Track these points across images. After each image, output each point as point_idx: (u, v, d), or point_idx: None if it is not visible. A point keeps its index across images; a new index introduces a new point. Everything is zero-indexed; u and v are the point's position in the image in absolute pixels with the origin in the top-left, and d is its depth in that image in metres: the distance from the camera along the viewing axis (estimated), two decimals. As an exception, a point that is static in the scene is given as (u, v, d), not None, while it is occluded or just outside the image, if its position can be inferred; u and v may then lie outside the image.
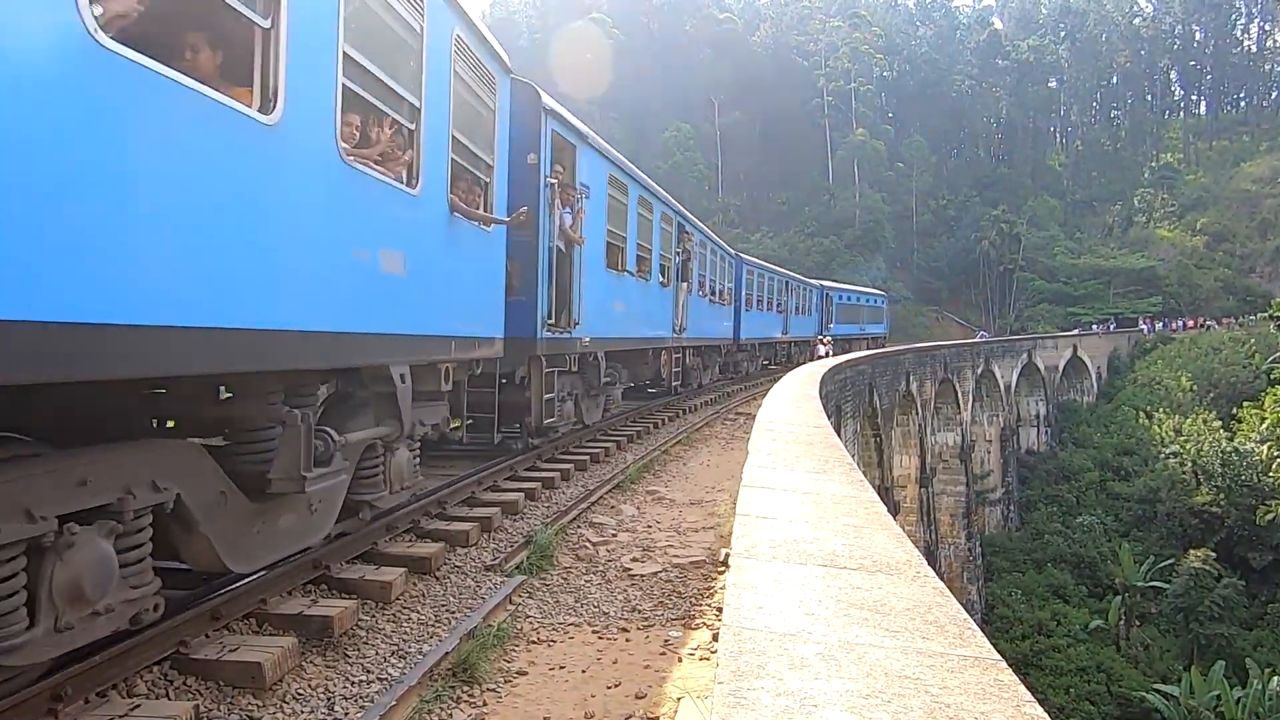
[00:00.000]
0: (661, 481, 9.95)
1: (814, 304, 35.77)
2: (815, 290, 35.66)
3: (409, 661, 4.32)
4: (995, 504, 50.76)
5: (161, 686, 3.69)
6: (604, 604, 5.50)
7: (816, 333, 35.01)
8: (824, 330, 35.49)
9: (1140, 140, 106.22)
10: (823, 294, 37.73)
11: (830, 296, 38.73)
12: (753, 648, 2.12)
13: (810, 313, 33.95)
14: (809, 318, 33.50)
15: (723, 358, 23.87)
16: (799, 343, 36.40)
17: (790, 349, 34.70)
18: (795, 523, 3.61)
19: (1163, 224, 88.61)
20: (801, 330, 34.25)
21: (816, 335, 34.95)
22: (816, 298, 35.95)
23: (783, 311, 30.98)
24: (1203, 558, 40.84)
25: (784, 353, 33.52)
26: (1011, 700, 1.90)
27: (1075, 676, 35.32)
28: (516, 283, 8.35)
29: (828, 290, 38.48)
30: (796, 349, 35.60)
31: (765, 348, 30.27)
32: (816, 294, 36.36)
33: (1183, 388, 58.46)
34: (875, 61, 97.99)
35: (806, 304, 34.46)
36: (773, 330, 29.99)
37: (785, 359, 33.16)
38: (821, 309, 36.89)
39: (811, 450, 5.95)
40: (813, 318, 34.11)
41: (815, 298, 35.71)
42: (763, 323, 28.11)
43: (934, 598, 2.65)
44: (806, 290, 35.36)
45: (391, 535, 6.17)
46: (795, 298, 32.15)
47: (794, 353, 34.72)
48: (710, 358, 21.92)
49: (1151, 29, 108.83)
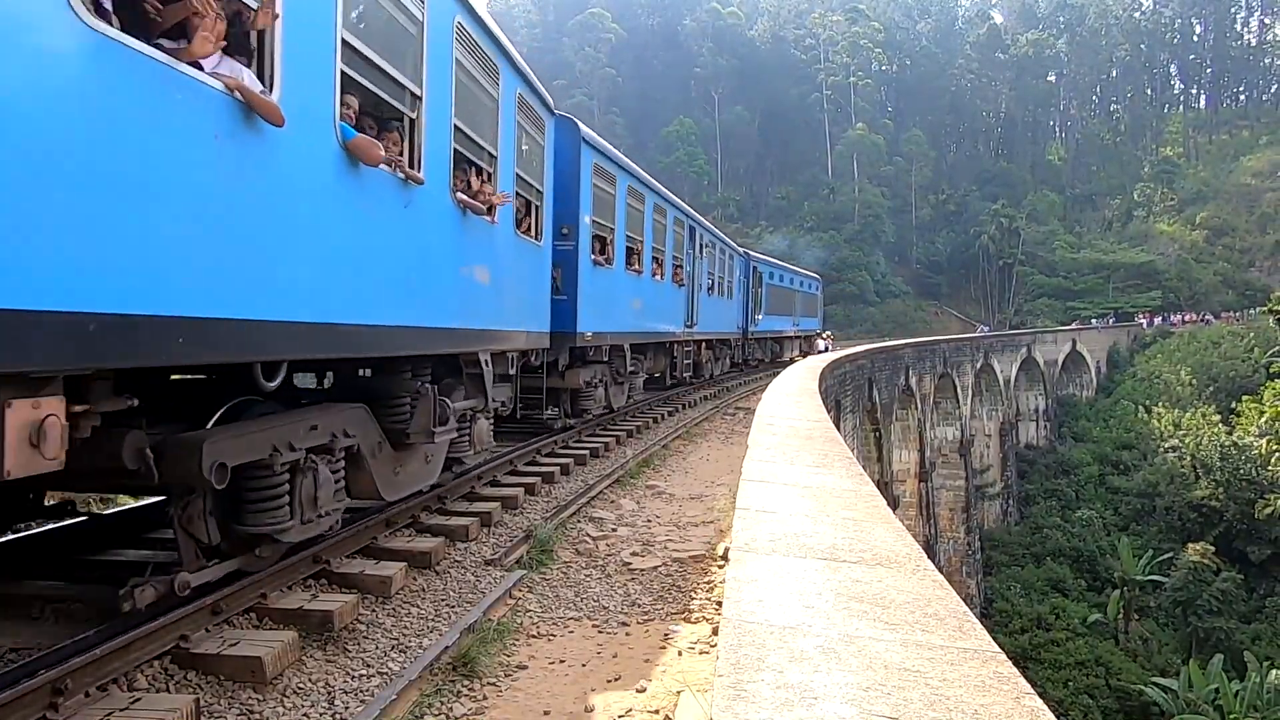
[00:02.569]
0: (661, 476, 9.96)
1: (736, 283, 24.47)
2: (739, 260, 24.96)
3: (409, 656, 4.33)
4: (995, 498, 50.84)
5: (162, 680, 3.69)
6: (604, 598, 5.51)
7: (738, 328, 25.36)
8: (750, 324, 26.21)
9: (1140, 134, 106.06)
10: (747, 266, 26.00)
11: (759, 272, 27.32)
12: (753, 641, 2.12)
13: (730, 294, 23.33)
14: (729, 301, 23.14)
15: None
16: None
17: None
18: (795, 517, 3.61)
19: (1162, 218, 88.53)
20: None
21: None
22: (740, 270, 25.06)
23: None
24: (1202, 552, 40.92)
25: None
26: (1011, 692, 1.90)
27: (1074, 670, 35.40)
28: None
29: (754, 262, 26.83)
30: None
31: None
32: (740, 264, 25.17)
33: (1182, 382, 58.50)
34: (874, 56, 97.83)
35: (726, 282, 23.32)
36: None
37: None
38: (747, 292, 25.99)
39: (811, 444, 5.95)
40: (734, 303, 23.98)
41: (739, 272, 24.84)
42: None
43: (934, 591, 2.66)
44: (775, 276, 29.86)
45: (391, 530, 6.18)
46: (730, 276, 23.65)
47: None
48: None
49: (1151, 22, 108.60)
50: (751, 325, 26.02)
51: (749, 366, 27.76)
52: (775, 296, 29.82)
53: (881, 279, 79.89)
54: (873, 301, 77.42)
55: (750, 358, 27.39)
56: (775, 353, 31.70)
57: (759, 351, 28.90)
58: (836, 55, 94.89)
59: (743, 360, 26.37)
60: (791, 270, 34.65)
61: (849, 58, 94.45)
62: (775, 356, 31.55)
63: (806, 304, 37.67)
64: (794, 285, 34.25)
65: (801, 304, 35.94)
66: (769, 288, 28.54)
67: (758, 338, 27.77)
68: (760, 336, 28.09)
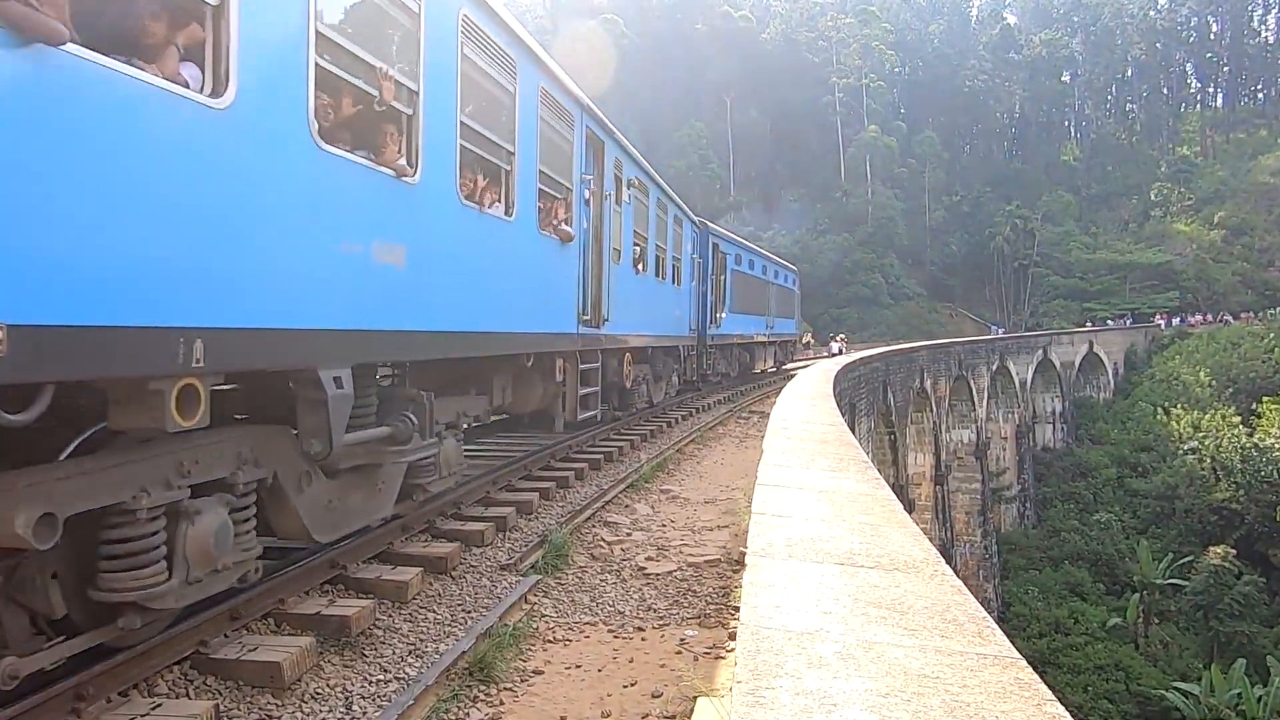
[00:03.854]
0: (675, 480, 9.95)
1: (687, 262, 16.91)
2: (690, 231, 17.27)
3: (426, 661, 4.34)
4: (1011, 501, 50.49)
5: (182, 686, 3.72)
6: (619, 603, 5.50)
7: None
8: (709, 324, 18.57)
9: (1156, 134, 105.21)
10: (704, 242, 18.55)
11: (722, 253, 19.83)
12: (771, 647, 2.12)
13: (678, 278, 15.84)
14: (675, 291, 15.53)
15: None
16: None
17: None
18: (811, 521, 3.60)
19: (1179, 218, 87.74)
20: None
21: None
22: (694, 245, 17.61)
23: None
24: (1222, 555, 40.45)
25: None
26: (1032, 699, 1.89)
27: (1093, 675, 35.09)
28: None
29: (715, 238, 19.24)
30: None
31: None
32: (693, 236, 17.60)
33: (1201, 383, 57.92)
34: (886, 57, 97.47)
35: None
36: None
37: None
38: (706, 279, 18.46)
39: (827, 448, 5.93)
40: (684, 294, 16.36)
41: (690, 246, 17.24)
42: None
43: (952, 596, 2.64)
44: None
45: (407, 535, 6.20)
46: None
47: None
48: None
49: (1167, 21, 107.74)
50: (712, 326, 18.58)
51: (708, 383, 19.84)
52: (744, 288, 22.17)
53: (895, 281, 79.48)
54: (886, 304, 77.06)
55: (710, 372, 19.31)
56: (744, 363, 24.01)
57: (722, 363, 20.79)
58: (848, 57, 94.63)
59: (698, 376, 18.62)
60: (764, 255, 26.18)
61: (861, 60, 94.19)
62: (745, 368, 24.25)
63: (782, 301, 28.74)
64: (768, 275, 25.93)
65: (777, 300, 27.53)
66: (736, 275, 20.80)
67: (720, 343, 19.92)
68: (724, 342, 20.36)
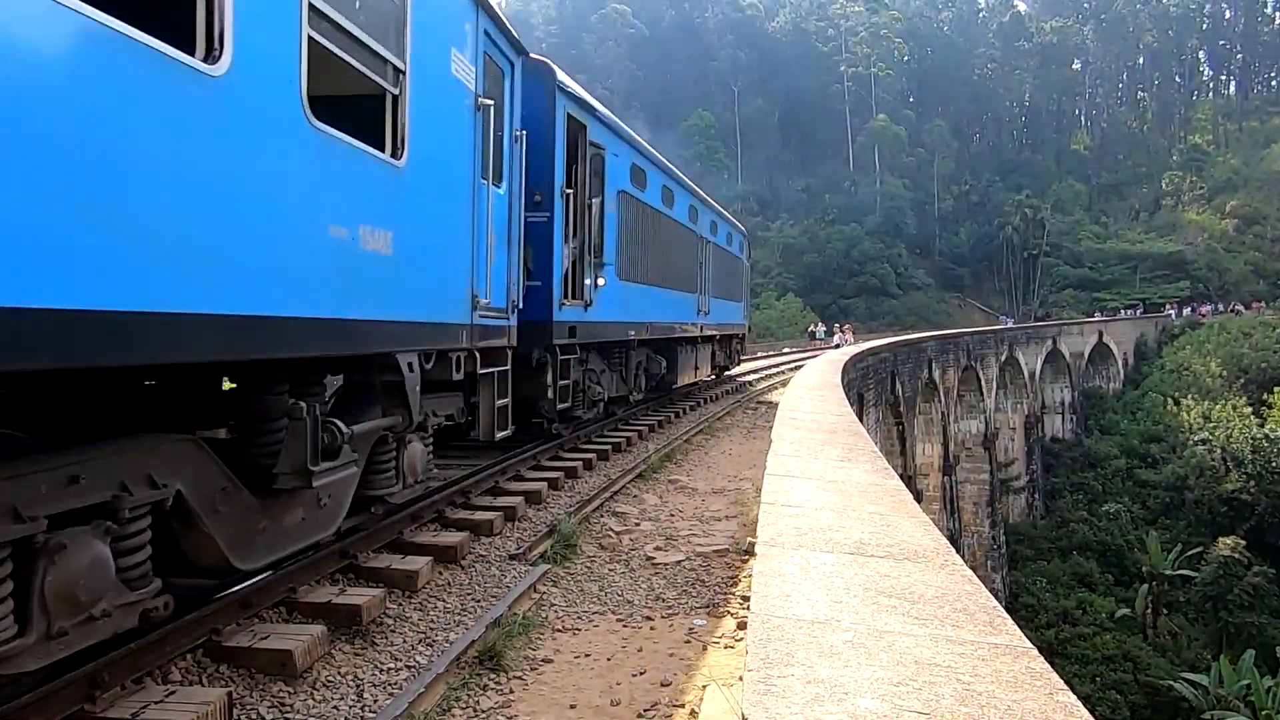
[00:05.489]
0: (684, 470, 9.95)
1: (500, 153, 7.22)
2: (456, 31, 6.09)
3: (436, 649, 4.37)
4: (1020, 492, 50.34)
5: (195, 673, 3.75)
6: (628, 592, 5.52)
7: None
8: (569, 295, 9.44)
9: (1168, 122, 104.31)
10: (544, 96, 8.53)
11: (599, 149, 10.10)
12: (781, 635, 2.12)
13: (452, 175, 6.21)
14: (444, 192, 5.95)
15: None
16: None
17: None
18: (821, 511, 3.60)
19: (1191, 207, 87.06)
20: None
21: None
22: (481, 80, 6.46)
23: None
24: (1232, 545, 40.23)
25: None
26: (1044, 688, 1.89)
27: (1102, 665, 35.02)
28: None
29: (574, 110, 9.34)
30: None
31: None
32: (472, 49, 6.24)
33: (1212, 373, 57.54)
34: (895, 46, 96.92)
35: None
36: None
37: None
38: (552, 201, 8.73)
39: (835, 438, 5.93)
40: (458, 200, 6.07)
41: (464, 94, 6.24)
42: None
43: (963, 585, 2.64)
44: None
45: (417, 525, 6.23)
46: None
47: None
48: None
49: (1180, 8, 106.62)
50: (570, 304, 9.38)
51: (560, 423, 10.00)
52: (652, 234, 12.86)
53: (904, 271, 79.17)
54: (895, 294, 76.80)
55: (575, 403, 9.97)
56: (658, 375, 14.00)
57: (605, 379, 11.44)
58: (857, 46, 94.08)
59: (547, 417, 9.49)
60: (695, 191, 16.00)
61: (870, 48, 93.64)
62: (660, 382, 14.37)
63: (725, 272, 18.88)
64: (699, 224, 16.17)
65: (718, 270, 17.75)
66: (628, 203, 11.53)
67: (595, 339, 10.43)
68: (603, 337, 10.78)
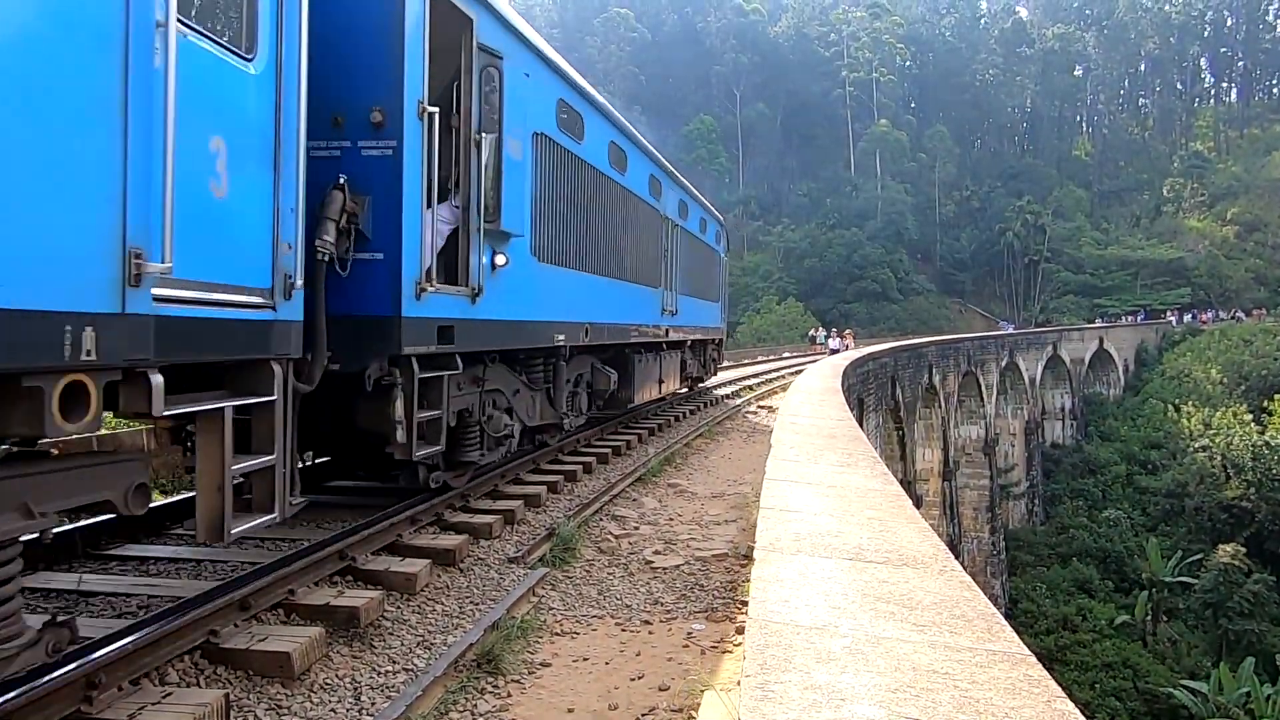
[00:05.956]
0: (683, 474, 9.95)
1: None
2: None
3: (434, 652, 4.36)
4: (1019, 498, 50.34)
5: (192, 675, 3.74)
6: (627, 596, 5.51)
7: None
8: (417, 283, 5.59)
9: (1169, 129, 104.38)
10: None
11: (488, 54, 6.40)
12: (779, 641, 2.12)
13: None
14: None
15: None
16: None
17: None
18: (820, 516, 3.60)
19: (1192, 214, 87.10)
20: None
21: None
22: None
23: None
24: (1232, 553, 40.21)
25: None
26: (1042, 695, 1.88)
27: (1101, 672, 34.97)
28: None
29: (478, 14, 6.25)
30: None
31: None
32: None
33: (1212, 380, 57.57)
34: (897, 51, 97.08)
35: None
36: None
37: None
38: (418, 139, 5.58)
39: (835, 444, 5.92)
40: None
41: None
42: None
43: (961, 592, 2.63)
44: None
45: (416, 528, 6.22)
46: None
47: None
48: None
49: (1182, 15, 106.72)
50: (440, 288, 5.90)
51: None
52: (586, 199, 9.22)
53: (905, 276, 79.23)
54: (896, 299, 76.85)
55: (409, 462, 6.02)
56: (606, 395, 10.67)
57: (522, 411, 7.99)
58: (859, 51, 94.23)
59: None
60: (654, 154, 12.63)
61: (872, 53, 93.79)
62: (610, 400, 11.00)
63: (697, 264, 15.91)
64: (663, 203, 13.06)
65: (686, 259, 14.64)
66: (552, 154, 7.99)
67: (511, 354, 7.69)
68: (523, 347, 7.74)
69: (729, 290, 22.30)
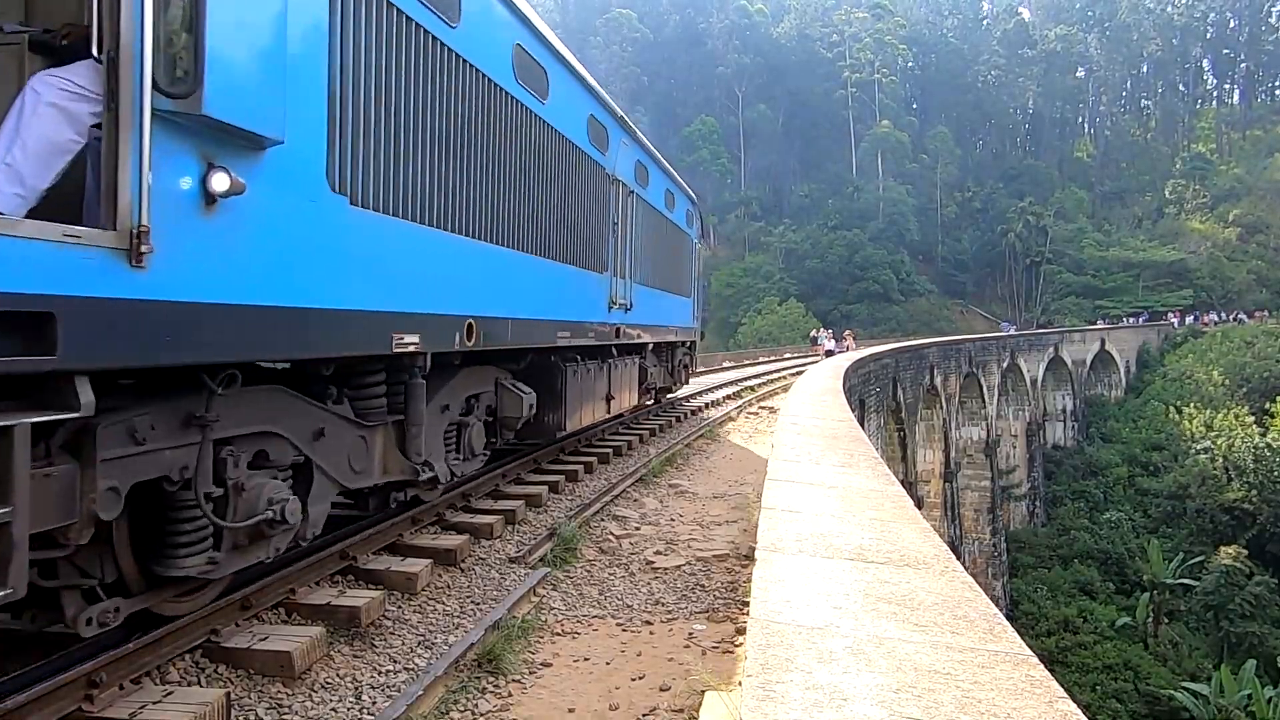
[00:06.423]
0: (684, 475, 9.95)
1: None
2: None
3: (435, 652, 4.36)
4: (1021, 499, 50.29)
5: (194, 674, 3.75)
6: (627, 597, 5.51)
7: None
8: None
9: (1171, 130, 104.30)
10: None
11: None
12: (781, 641, 2.11)
13: None
14: None
15: None
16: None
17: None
18: (821, 516, 3.59)
19: (1194, 215, 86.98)
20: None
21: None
22: None
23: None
24: (1234, 555, 40.19)
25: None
26: (1044, 696, 1.88)
27: (1102, 674, 34.92)
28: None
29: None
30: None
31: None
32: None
33: (1214, 382, 57.49)
34: (899, 52, 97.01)
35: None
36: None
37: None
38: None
39: (837, 444, 5.92)
40: None
41: None
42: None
43: (963, 592, 2.63)
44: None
45: (417, 527, 6.22)
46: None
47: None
48: None
49: (1185, 16, 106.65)
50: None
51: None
52: (464, 116, 5.48)
53: (906, 277, 79.17)
54: (897, 300, 76.82)
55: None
56: (516, 424, 7.47)
57: (331, 472, 4.75)
58: (861, 52, 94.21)
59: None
60: (600, 94, 9.33)
61: (874, 54, 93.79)
62: (526, 429, 7.86)
63: (660, 247, 12.76)
64: (617, 166, 9.87)
65: (649, 241, 11.79)
66: (399, 27, 4.57)
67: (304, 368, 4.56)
68: (314, 357, 4.27)
69: (705, 285, 17.87)
